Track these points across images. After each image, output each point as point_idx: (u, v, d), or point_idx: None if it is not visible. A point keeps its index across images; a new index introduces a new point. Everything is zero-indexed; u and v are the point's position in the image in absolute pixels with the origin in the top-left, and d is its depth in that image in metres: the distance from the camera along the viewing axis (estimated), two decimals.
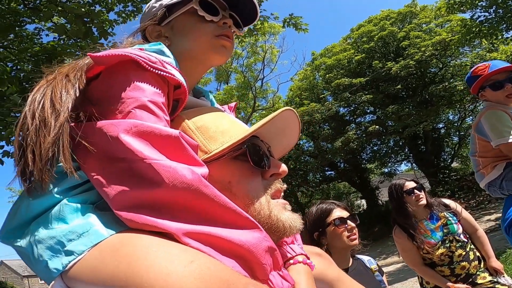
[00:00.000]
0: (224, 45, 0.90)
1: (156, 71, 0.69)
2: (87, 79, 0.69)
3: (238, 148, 0.71)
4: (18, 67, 5.32)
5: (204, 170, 0.62)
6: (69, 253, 0.55)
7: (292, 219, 0.73)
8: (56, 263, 0.55)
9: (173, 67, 0.75)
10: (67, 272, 0.55)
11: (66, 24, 4.50)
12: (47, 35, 6.11)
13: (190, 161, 0.61)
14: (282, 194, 0.79)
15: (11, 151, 5.52)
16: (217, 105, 1.04)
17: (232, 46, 0.92)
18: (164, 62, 0.74)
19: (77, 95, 0.66)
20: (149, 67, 0.68)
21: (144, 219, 0.56)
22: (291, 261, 0.79)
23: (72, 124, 0.63)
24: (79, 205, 0.60)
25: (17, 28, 5.39)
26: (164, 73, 0.70)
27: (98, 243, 0.55)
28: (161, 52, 0.79)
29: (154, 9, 0.92)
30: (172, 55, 0.81)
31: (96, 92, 0.69)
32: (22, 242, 0.61)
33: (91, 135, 0.61)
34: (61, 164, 0.61)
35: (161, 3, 0.91)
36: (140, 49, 0.75)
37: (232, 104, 1.04)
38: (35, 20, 5.54)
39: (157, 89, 0.69)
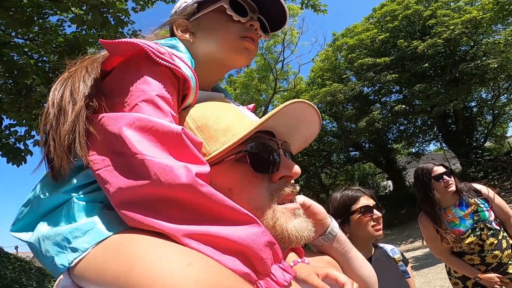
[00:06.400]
0: (248, 47, 0.88)
1: (163, 61, 0.70)
2: (104, 72, 0.73)
3: (239, 151, 0.67)
4: (44, 58, 5.48)
5: (205, 168, 0.61)
6: (74, 249, 0.58)
7: (299, 229, 0.68)
8: (62, 259, 0.58)
9: (183, 61, 0.75)
10: (74, 269, 0.57)
11: (85, 15, 4.55)
12: (69, 26, 6.22)
13: (192, 158, 0.60)
14: (298, 190, 0.74)
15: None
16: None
17: (255, 49, 0.91)
18: (174, 55, 0.75)
19: (93, 84, 0.69)
20: (156, 57, 0.69)
21: (141, 218, 0.56)
22: None
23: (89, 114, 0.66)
24: (87, 204, 0.62)
25: (40, 21, 5.52)
26: (170, 64, 0.70)
27: (101, 241, 0.57)
28: (175, 47, 0.80)
29: (185, 4, 0.92)
30: (189, 52, 0.83)
31: (109, 84, 0.71)
32: (32, 238, 0.64)
33: (97, 128, 0.63)
34: (75, 160, 0.64)
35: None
36: (155, 43, 0.75)
37: (251, 106, 1.01)
38: (57, 12, 5.64)
39: (166, 83, 0.69)
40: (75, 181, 0.64)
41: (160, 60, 0.69)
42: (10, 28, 4.43)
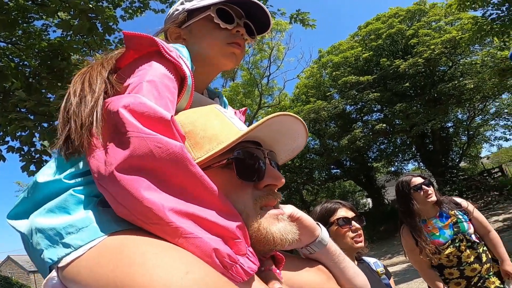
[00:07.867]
0: (234, 52, 0.97)
1: (170, 58, 0.79)
2: (119, 68, 0.80)
3: (226, 158, 0.69)
4: (25, 62, 5.34)
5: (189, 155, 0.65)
6: (66, 245, 0.57)
7: (284, 232, 0.69)
8: (51, 253, 0.58)
9: (184, 62, 0.84)
10: (64, 270, 0.56)
11: (73, 20, 4.48)
12: (54, 31, 6.11)
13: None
14: (279, 201, 0.75)
15: (16, 146, 5.55)
16: (229, 108, 1.12)
17: (242, 53, 1.00)
18: (179, 56, 0.84)
19: (109, 75, 0.76)
20: (166, 53, 0.79)
21: (130, 187, 0.56)
22: None
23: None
24: (83, 197, 0.63)
25: (25, 25, 5.40)
26: (175, 61, 0.80)
27: (95, 240, 0.57)
28: (180, 52, 0.88)
29: (177, 12, 1.01)
30: (190, 58, 0.91)
31: (123, 73, 0.77)
32: (25, 228, 0.64)
33: (105, 111, 0.68)
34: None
35: (183, 7, 1.00)
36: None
37: (243, 109, 1.10)
38: (43, 17, 5.54)
39: (171, 75, 0.78)
40: (73, 169, 0.67)
41: (168, 56, 0.79)
42: None
